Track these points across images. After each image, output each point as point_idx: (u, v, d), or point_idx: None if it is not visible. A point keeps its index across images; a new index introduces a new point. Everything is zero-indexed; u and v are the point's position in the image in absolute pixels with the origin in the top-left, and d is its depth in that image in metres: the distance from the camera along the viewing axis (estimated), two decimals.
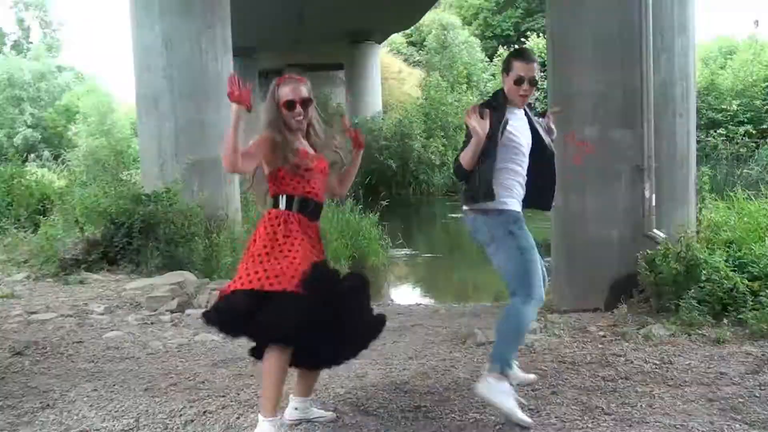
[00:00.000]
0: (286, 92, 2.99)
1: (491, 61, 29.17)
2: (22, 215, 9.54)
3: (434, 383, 3.75)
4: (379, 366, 4.11)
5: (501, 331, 3.30)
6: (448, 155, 20.36)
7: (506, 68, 3.38)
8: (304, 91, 3.02)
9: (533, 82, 3.34)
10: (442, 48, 26.53)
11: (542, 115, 3.65)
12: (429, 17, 26.94)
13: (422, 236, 13.71)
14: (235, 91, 2.77)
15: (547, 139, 3.49)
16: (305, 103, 3.01)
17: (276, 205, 3.00)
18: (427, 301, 7.57)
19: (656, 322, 4.70)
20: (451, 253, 11.72)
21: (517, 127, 3.35)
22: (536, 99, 24.01)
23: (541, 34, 26.31)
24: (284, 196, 2.99)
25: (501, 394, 3.12)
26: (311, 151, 3.08)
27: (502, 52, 28.39)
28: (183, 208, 7.51)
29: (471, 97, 22.03)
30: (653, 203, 5.26)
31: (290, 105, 2.99)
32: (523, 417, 3.11)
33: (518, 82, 3.32)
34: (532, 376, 3.65)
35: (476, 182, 3.24)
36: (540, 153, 3.44)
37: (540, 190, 3.48)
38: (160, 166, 8.26)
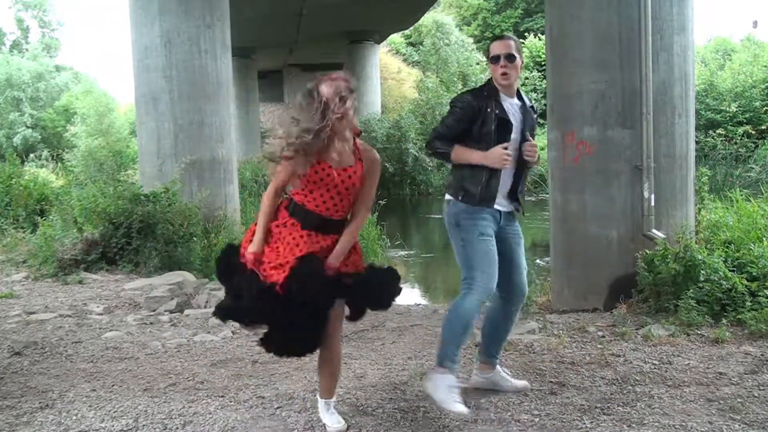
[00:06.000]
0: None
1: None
2: (21, 215, 9.55)
3: None
4: (378, 366, 4.11)
5: (443, 325, 3.39)
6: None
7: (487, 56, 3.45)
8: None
9: (510, 58, 3.33)
10: (437, 49, 26.53)
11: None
12: (428, 18, 26.94)
13: (420, 236, 13.71)
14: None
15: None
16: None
17: None
18: (425, 301, 7.57)
19: (655, 322, 4.70)
20: (450, 253, 11.70)
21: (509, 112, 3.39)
22: (535, 99, 24.11)
23: (540, 35, 26.34)
24: None
25: (440, 389, 3.17)
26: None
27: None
28: (182, 208, 7.50)
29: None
30: (652, 203, 5.26)
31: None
32: (459, 409, 3.12)
33: (494, 60, 3.36)
34: (522, 383, 3.62)
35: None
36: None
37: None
38: (159, 165, 8.26)
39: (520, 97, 3.45)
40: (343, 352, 4.39)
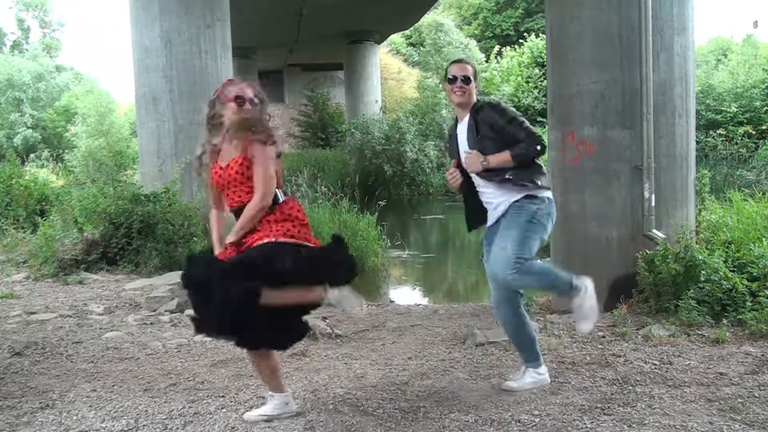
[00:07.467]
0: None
1: (487, 61, 29.15)
2: (21, 215, 9.54)
3: (433, 383, 3.76)
4: (378, 366, 4.11)
5: None
6: (446, 156, 20.32)
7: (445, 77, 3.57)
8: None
9: (466, 80, 3.48)
10: (437, 48, 26.51)
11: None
12: (428, 18, 26.94)
13: (420, 237, 13.70)
14: None
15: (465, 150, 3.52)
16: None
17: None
18: (426, 301, 7.57)
19: (655, 322, 4.70)
20: (450, 254, 11.71)
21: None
22: (535, 98, 24.08)
23: (540, 34, 26.32)
24: None
25: None
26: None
27: (497, 51, 28.42)
28: (182, 208, 7.50)
29: None
30: (652, 203, 5.26)
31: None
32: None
33: (450, 81, 3.51)
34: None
35: None
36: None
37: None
38: (159, 166, 8.25)
39: (476, 113, 3.47)
40: (343, 352, 4.42)
